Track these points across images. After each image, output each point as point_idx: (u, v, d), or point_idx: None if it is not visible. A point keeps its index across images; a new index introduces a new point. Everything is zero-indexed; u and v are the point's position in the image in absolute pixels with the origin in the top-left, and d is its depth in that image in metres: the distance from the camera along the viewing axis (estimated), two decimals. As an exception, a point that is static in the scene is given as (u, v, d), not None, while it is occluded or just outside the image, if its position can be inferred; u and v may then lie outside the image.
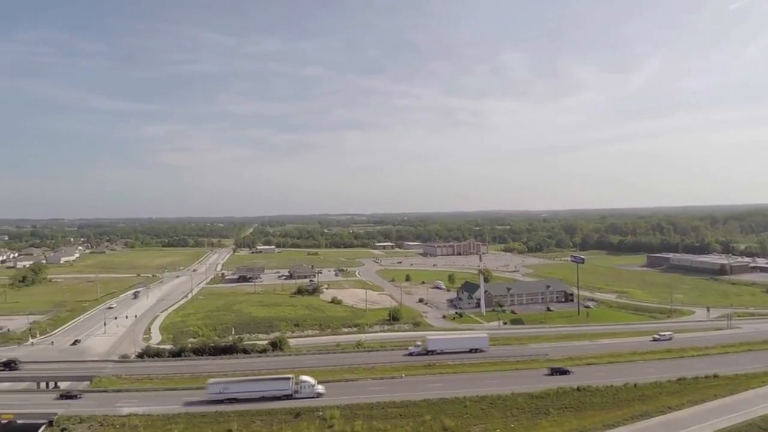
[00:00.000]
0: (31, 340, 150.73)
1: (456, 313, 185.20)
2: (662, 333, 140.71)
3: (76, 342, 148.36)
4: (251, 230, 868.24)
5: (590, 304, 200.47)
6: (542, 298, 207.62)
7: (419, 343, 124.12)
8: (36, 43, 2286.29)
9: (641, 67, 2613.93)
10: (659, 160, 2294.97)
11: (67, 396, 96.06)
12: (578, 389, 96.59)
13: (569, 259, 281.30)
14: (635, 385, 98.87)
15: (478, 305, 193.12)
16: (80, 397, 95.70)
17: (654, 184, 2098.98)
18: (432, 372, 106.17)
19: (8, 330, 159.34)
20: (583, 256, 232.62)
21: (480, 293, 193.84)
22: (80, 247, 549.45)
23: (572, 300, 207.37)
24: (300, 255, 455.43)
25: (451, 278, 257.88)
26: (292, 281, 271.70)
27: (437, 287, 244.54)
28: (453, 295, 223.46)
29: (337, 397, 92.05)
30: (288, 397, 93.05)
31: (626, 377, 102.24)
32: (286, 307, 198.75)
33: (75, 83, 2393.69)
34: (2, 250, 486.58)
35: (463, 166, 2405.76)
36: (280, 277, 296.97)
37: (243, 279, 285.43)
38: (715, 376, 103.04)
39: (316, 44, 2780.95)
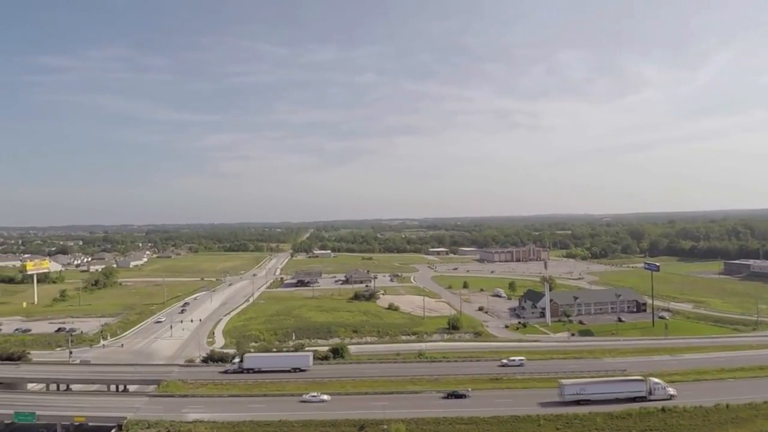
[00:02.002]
0: (102, 342, 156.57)
1: (519, 323, 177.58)
2: (512, 358, 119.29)
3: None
4: (307, 235, 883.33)
5: (665, 314, 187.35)
6: (612, 308, 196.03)
7: (236, 360, 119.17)
8: (107, 60, 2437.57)
9: (709, 62, 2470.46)
10: (731, 159, 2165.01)
11: (456, 395, 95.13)
12: (663, 410, 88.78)
13: (642, 266, 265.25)
14: (727, 406, 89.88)
15: (542, 315, 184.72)
16: (468, 396, 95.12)
17: (725, 184, 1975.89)
18: (500, 386, 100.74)
19: (81, 332, 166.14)
20: (657, 263, 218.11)
21: (545, 302, 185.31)
22: (148, 252, 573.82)
23: (644, 310, 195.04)
24: (355, 260, 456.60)
25: (511, 286, 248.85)
26: (349, 286, 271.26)
27: (497, 295, 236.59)
28: (514, 303, 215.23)
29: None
30: (642, 399, 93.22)
31: (716, 397, 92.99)
32: (343, 313, 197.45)
33: (142, 97, 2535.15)
34: (77, 254, 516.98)
35: (519, 169, 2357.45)
36: (336, 281, 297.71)
37: (301, 283, 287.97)
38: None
39: (369, 51, 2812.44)
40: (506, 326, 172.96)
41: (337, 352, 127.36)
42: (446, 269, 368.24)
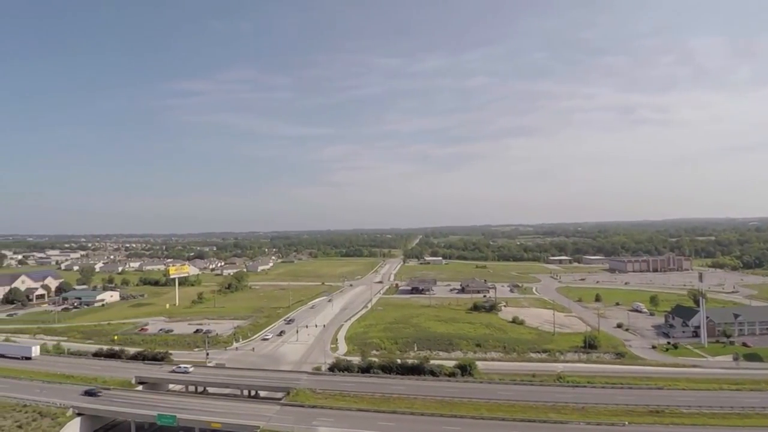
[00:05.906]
0: (235, 345, 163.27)
1: (668, 343, 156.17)
2: (181, 365, 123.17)
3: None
4: (417, 241, 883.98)
5: None
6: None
7: None
8: (234, 82, 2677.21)
9: None
10: None
11: None
12: None
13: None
14: None
15: (695, 334, 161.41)
16: None
17: None
18: (663, 422, 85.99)
19: (216, 334, 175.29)
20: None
21: (699, 319, 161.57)
22: (273, 257, 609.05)
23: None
24: (467, 267, 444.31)
25: (653, 300, 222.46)
26: (466, 296, 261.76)
27: (637, 310, 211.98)
28: (659, 320, 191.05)
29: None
30: None
31: None
32: (463, 324, 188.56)
33: (265, 114, 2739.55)
34: (212, 259, 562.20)
35: (646, 169, 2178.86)
36: (451, 290, 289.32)
37: (416, 290, 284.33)
38: None
39: (478, 54, 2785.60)
40: (653, 347, 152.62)
41: (465, 369, 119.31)
42: (572, 279, 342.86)
